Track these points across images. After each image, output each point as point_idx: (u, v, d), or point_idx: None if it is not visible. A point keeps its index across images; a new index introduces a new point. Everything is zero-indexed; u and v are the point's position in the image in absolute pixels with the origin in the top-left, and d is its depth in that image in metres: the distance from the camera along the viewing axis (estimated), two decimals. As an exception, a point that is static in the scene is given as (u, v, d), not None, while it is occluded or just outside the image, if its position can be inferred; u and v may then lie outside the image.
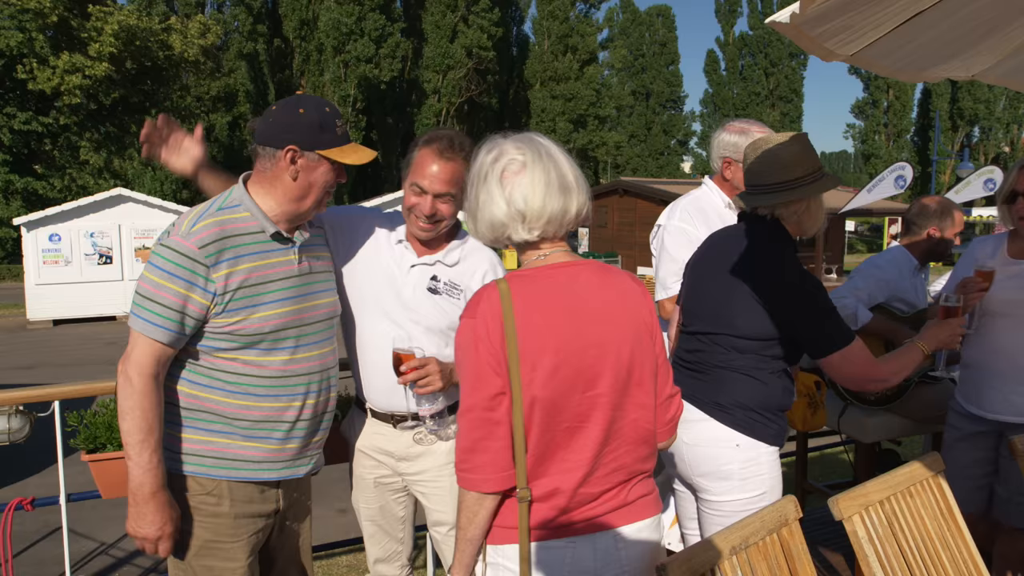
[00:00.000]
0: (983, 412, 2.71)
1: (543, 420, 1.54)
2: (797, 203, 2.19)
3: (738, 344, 2.18)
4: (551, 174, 1.61)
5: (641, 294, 1.70)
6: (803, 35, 1.85)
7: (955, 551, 1.99)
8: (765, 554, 1.69)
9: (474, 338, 1.55)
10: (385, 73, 35.57)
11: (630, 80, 48.76)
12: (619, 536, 1.62)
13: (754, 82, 46.66)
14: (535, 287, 1.59)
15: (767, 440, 2.19)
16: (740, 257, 2.22)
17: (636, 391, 1.63)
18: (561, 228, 1.65)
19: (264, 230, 1.93)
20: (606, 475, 1.60)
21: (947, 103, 42.45)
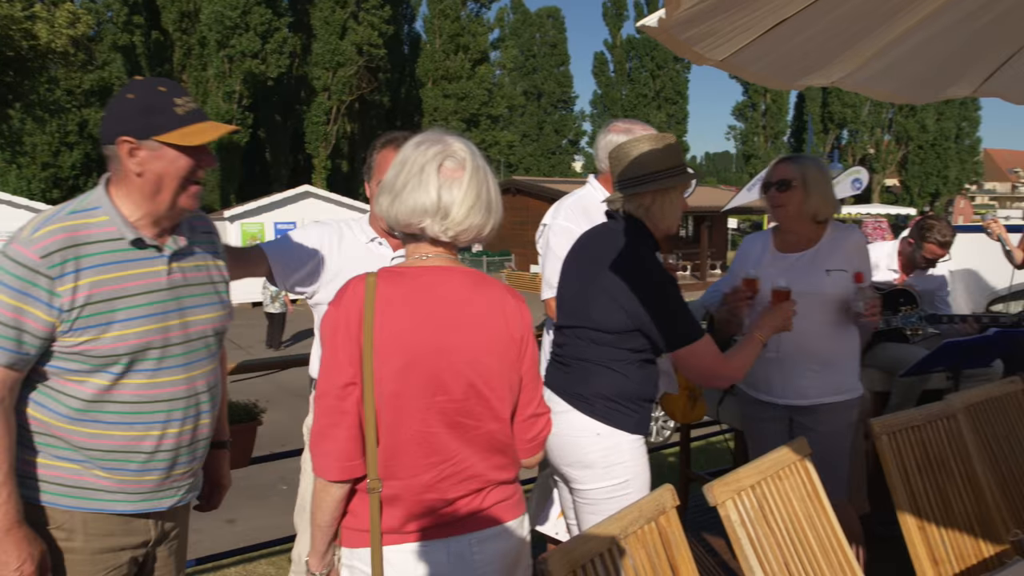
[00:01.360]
0: (772, 398, 2.85)
1: (393, 418, 1.56)
2: (642, 197, 2.28)
3: (596, 337, 2.28)
4: (482, 189, 1.65)
5: (515, 308, 1.71)
6: (673, 39, 1.91)
7: (820, 529, 2.11)
8: (644, 542, 1.74)
9: (334, 326, 1.58)
10: (272, 69, 34.53)
11: (522, 80, 49.21)
12: (473, 540, 1.64)
13: (641, 84, 47.97)
14: (403, 286, 1.61)
15: (627, 429, 2.28)
16: (599, 253, 2.31)
17: (495, 404, 1.64)
18: (472, 240, 1.69)
19: (123, 236, 1.71)
20: (460, 482, 1.61)
21: (819, 107, 44.88)
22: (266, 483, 6.85)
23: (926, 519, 2.34)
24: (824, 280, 2.73)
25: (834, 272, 2.75)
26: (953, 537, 2.39)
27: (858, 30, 2.26)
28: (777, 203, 2.82)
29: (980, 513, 2.50)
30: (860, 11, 2.15)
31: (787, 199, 2.79)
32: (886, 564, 2.97)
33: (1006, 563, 2.45)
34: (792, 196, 2.77)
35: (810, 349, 2.75)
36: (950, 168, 44.70)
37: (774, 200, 2.84)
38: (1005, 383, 2.90)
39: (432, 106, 41.71)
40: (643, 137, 2.36)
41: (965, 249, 5.28)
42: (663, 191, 2.29)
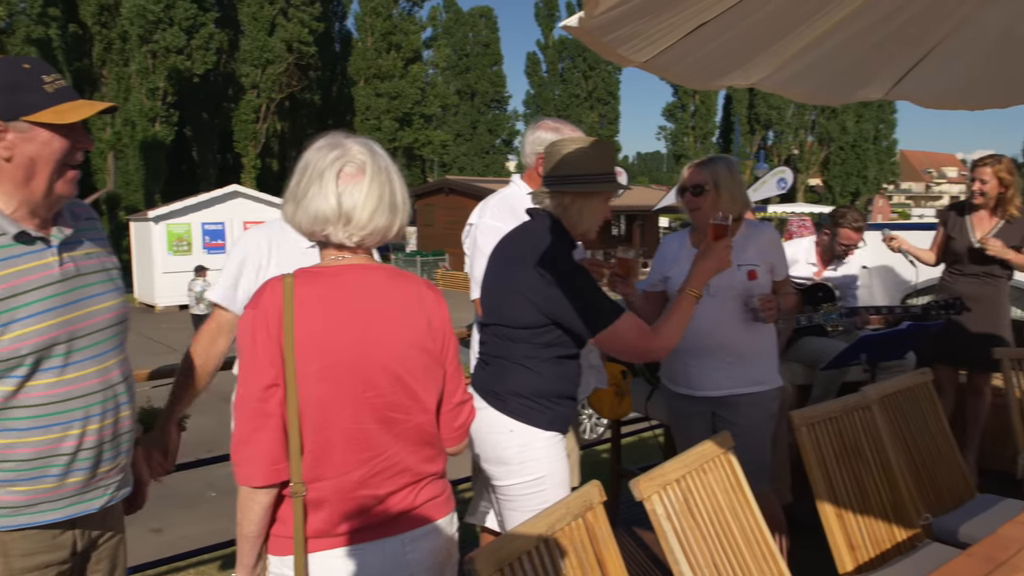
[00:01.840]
0: (691, 391, 2.91)
1: (319, 417, 1.55)
2: (563, 196, 2.31)
3: (511, 334, 2.31)
4: (385, 190, 1.64)
5: (434, 300, 1.74)
6: (596, 41, 1.94)
7: (744, 520, 2.17)
8: (571, 539, 1.76)
9: (253, 328, 1.56)
10: (198, 66, 33.59)
11: (455, 79, 49.08)
12: (407, 540, 1.65)
13: (574, 84, 48.37)
14: (321, 286, 1.61)
15: (541, 426, 2.31)
16: (513, 252, 2.35)
17: (422, 396, 1.66)
18: (379, 242, 1.69)
19: (5, 232, 1.61)
20: (391, 477, 1.62)
21: (746, 108, 46.03)
22: (194, 490, 6.68)
23: (843, 507, 2.43)
24: (737, 275, 2.80)
25: (745, 267, 2.83)
26: (869, 523, 2.48)
27: (776, 33, 2.32)
28: (693, 207, 2.89)
29: (894, 499, 2.60)
30: (778, 14, 2.21)
31: (701, 202, 2.86)
32: (808, 551, 3.07)
33: (917, 546, 2.57)
34: (705, 199, 2.84)
35: (725, 342, 2.82)
36: (869, 168, 46.38)
37: (690, 204, 2.90)
38: (916, 374, 3.02)
39: (364, 105, 41.23)
40: (579, 138, 2.39)
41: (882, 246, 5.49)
42: (585, 194, 2.31)
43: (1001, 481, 3.63)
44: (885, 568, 2.37)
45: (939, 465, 2.91)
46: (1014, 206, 4.03)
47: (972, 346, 4.04)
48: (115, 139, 32.13)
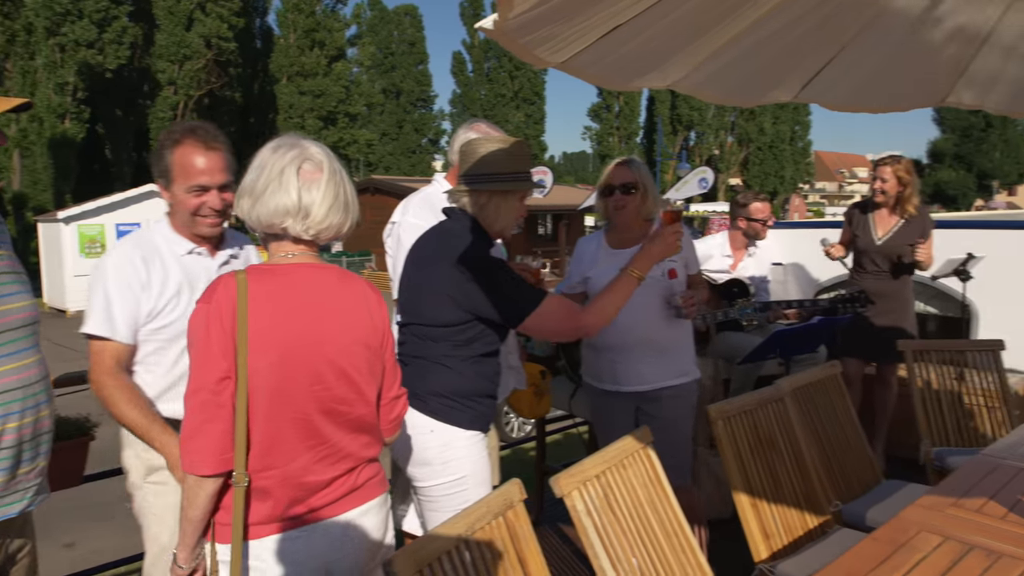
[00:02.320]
0: (617, 387, 2.97)
1: (269, 409, 1.64)
2: (480, 195, 2.33)
3: (430, 333, 2.32)
4: (340, 190, 1.78)
5: (376, 300, 1.87)
6: (513, 42, 1.94)
7: (663, 514, 2.21)
8: (492, 537, 1.76)
9: (207, 322, 1.63)
10: (111, 60, 32.29)
11: (380, 78, 48.58)
12: (349, 520, 1.77)
13: (500, 84, 48.46)
14: (273, 282, 1.71)
15: (462, 425, 2.32)
16: (430, 250, 2.37)
17: (364, 389, 1.77)
18: (333, 238, 1.82)
19: None
20: (334, 463, 1.73)
21: (668, 109, 46.97)
22: (106, 502, 6.40)
23: (758, 497, 2.50)
24: (654, 271, 2.86)
25: (664, 263, 2.89)
26: (782, 512, 2.57)
27: (689, 35, 2.38)
28: (620, 205, 2.93)
29: (805, 488, 2.70)
30: (691, 17, 2.26)
31: (629, 201, 2.91)
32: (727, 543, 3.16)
33: (828, 532, 2.66)
34: (634, 199, 2.90)
35: (649, 336, 2.88)
36: (786, 168, 47.92)
37: (618, 203, 2.94)
38: (827, 367, 3.14)
39: (287, 103, 40.38)
40: (494, 138, 2.40)
41: (796, 244, 5.69)
42: (501, 193, 2.33)
43: (906, 467, 3.81)
44: (797, 554, 2.46)
45: (848, 454, 3.03)
46: (912, 204, 4.23)
47: (879, 339, 4.22)
48: (21, 136, 30.61)
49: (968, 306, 4.80)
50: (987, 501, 2.20)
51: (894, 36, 2.67)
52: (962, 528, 2.02)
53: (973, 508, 2.16)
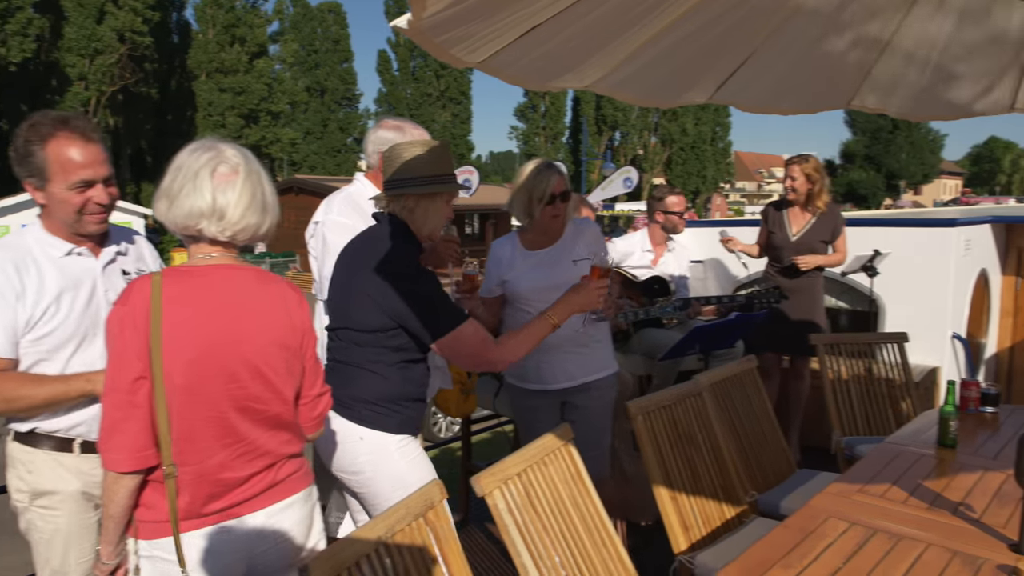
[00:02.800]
0: (543, 385, 3.01)
1: (185, 407, 1.67)
2: (407, 199, 2.31)
3: (357, 338, 2.28)
4: (258, 190, 1.79)
5: (296, 301, 1.89)
6: (429, 41, 1.93)
7: (584, 509, 2.23)
8: (412, 539, 1.75)
9: (120, 324, 1.65)
10: (15, 53, 30.75)
11: (304, 76, 47.65)
12: (270, 514, 1.80)
13: (426, 83, 48.16)
14: (189, 283, 1.73)
15: (391, 430, 2.29)
16: (360, 254, 2.33)
17: (280, 388, 1.81)
18: (250, 239, 1.84)
19: None
20: (251, 460, 1.76)
21: (593, 110, 47.53)
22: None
23: (677, 490, 2.56)
24: (572, 269, 2.91)
25: (580, 261, 2.94)
26: (701, 503, 2.63)
27: (605, 37, 2.41)
28: (557, 213, 2.92)
29: (723, 480, 2.77)
30: (606, 19, 2.29)
31: (564, 209, 2.95)
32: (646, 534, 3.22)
33: (745, 521, 2.74)
34: (568, 205, 2.95)
35: (573, 335, 2.91)
36: (707, 168, 49.08)
37: (557, 210, 2.91)
38: (743, 362, 3.23)
39: (207, 100, 39.22)
40: (416, 141, 2.37)
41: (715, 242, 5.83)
42: (428, 196, 2.32)
43: (820, 456, 3.95)
44: (715, 545, 2.52)
45: (764, 445, 3.12)
46: (822, 201, 4.41)
47: (793, 334, 4.37)
48: (-86, 132, 28.95)
49: (875, 300, 5.01)
50: (890, 487, 2.30)
51: (802, 40, 2.77)
52: (867, 513, 2.11)
53: (877, 494, 2.25)
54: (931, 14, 2.64)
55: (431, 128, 45.92)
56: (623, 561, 2.25)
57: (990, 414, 3.04)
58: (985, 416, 3.03)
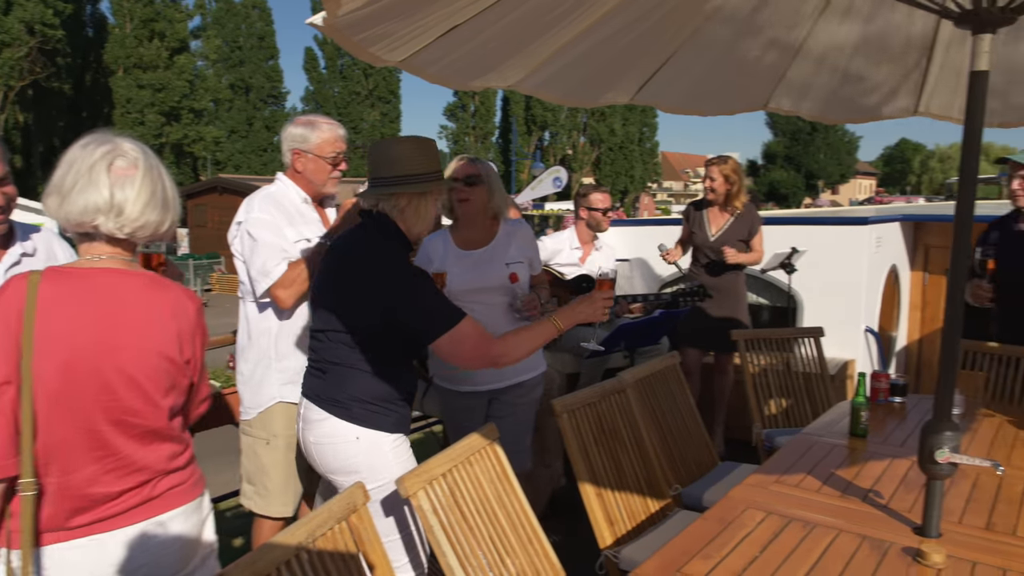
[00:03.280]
0: (474, 387, 3.01)
1: (54, 416, 1.58)
2: (398, 198, 2.27)
3: (348, 339, 2.26)
4: (157, 186, 1.70)
5: (190, 311, 1.78)
6: (347, 39, 1.91)
7: (510, 507, 2.24)
8: (335, 543, 1.73)
9: None
10: (-87, 46, 29.21)
11: (227, 73, 46.47)
12: (145, 529, 1.70)
13: (354, 82, 47.57)
14: (69, 285, 1.63)
15: (386, 429, 2.30)
16: (351, 254, 2.28)
17: (159, 401, 1.70)
18: (150, 237, 1.74)
19: None
20: (125, 476, 1.66)
21: (523, 110, 47.74)
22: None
23: (602, 485, 2.59)
24: (504, 272, 2.92)
25: (512, 264, 2.96)
26: (625, 498, 2.67)
27: (526, 38, 2.43)
28: (463, 197, 2.94)
29: (647, 474, 2.82)
30: (526, 20, 2.31)
31: (473, 193, 2.93)
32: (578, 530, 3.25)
33: (668, 514, 2.79)
34: (478, 192, 2.92)
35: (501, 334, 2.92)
36: (635, 168, 49.87)
37: (460, 194, 2.94)
38: (666, 358, 3.29)
39: (125, 97, 37.85)
40: (403, 138, 2.33)
41: (641, 240, 5.93)
42: (419, 195, 2.28)
43: (743, 448, 4.06)
44: (639, 538, 2.56)
45: (687, 439, 3.19)
46: (740, 201, 4.54)
47: (715, 330, 4.47)
48: None
49: (794, 297, 5.18)
50: (805, 476, 2.39)
51: (718, 44, 2.84)
52: (783, 503, 2.18)
53: (793, 484, 2.33)
54: (839, 22, 2.75)
55: (359, 127, 45.38)
56: (549, 558, 2.27)
57: (899, 404, 3.17)
58: (894, 406, 3.16)
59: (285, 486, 2.88)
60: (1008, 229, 3.57)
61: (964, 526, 2.02)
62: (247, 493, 2.93)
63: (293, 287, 2.66)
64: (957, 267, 1.90)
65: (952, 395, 1.98)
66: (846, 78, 3.06)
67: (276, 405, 2.82)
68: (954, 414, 2.92)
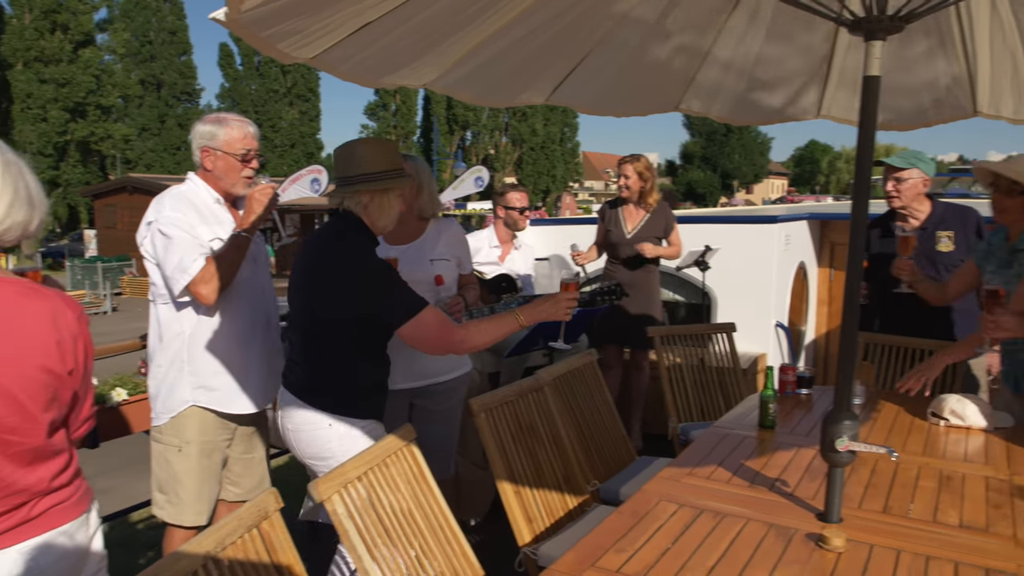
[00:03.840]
0: (394, 385, 2.94)
1: None
2: (361, 195, 2.40)
3: (322, 330, 2.40)
4: (20, 184, 1.59)
5: (71, 320, 1.65)
6: (253, 36, 1.87)
7: (427, 508, 2.23)
8: (245, 551, 1.69)
9: None
10: None
11: (137, 68, 44.77)
12: (25, 549, 1.59)
13: (272, 79, 46.46)
14: None
15: (358, 415, 2.45)
16: (321, 248, 2.44)
17: (39, 417, 1.58)
18: (18, 239, 1.64)
19: None
20: (3, 498, 1.54)
21: (444, 109, 47.59)
22: None
23: (521, 483, 2.60)
24: (429, 268, 2.92)
25: (438, 261, 2.96)
26: (544, 496, 2.69)
27: (438, 37, 2.42)
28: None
29: (565, 471, 2.85)
30: (438, 19, 2.30)
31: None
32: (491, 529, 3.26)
33: (586, 510, 2.83)
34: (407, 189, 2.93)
35: None
36: (557, 168, 50.34)
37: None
38: (584, 355, 3.34)
39: (25, 91, 36.01)
40: (365, 139, 2.51)
41: (562, 240, 5.99)
42: (381, 191, 2.42)
43: (661, 443, 4.14)
44: (558, 535, 2.59)
45: (605, 435, 3.24)
46: (653, 198, 4.65)
47: (632, 327, 4.56)
48: None
49: (708, 293, 5.32)
50: (716, 468, 2.45)
51: (630, 46, 2.89)
52: (695, 495, 2.24)
53: (704, 476, 2.39)
54: (745, 28, 2.83)
55: (278, 126, 44.39)
56: (468, 558, 2.27)
57: (805, 395, 3.30)
58: (801, 397, 3.28)
59: (199, 494, 2.81)
60: (886, 228, 3.77)
61: (863, 511, 2.11)
62: (159, 502, 2.84)
63: (214, 282, 2.60)
64: (853, 264, 1.99)
65: (850, 386, 2.06)
66: (753, 81, 3.16)
67: (189, 409, 2.75)
68: (855, 404, 3.06)
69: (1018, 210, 2.84)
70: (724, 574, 1.76)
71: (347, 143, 2.45)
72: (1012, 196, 2.81)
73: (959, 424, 2.83)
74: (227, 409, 2.80)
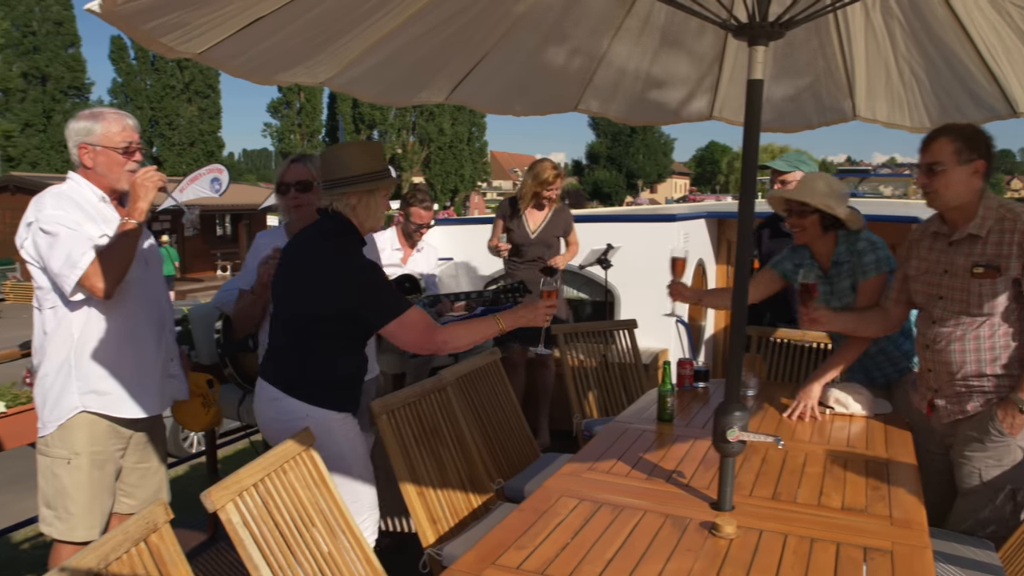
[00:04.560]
0: None
1: None
2: (349, 197, 2.45)
3: (305, 326, 2.45)
4: None
5: None
6: (134, 29, 1.79)
7: (328, 513, 2.19)
8: (132, 566, 1.62)
9: None
10: None
11: (19, 60, 42.26)
12: None
13: (168, 75, 44.65)
14: None
15: (334, 408, 2.50)
16: (308, 247, 2.49)
17: None
18: None
19: None
20: None
21: (350, 108, 46.85)
22: None
23: (424, 485, 2.59)
24: None
25: None
26: (448, 496, 2.69)
27: (333, 34, 2.38)
28: (296, 203, 3.02)
29: (469, 470, 2.85)
30: (333, 15, 2.26)
31: (305, 199, 3.00)
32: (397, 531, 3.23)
33: (491, 508, 2.84)
34: (311, 196, 2.94)
35: None
36: (465, 168, 50.34)
37: (292, 200, 3.02)
38: (487, 354, 3.35)
39: None
40: (351, 143, 2.58)
41: (466, 239, 5.99)
42: (368, 192, 2.47)
43: (567, 440, 4.20)
44: (462, 534, 2.59)
45: (509, 433, 3.26)
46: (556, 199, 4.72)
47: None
48: None
49: (611, 291, 5.42)
50: (616, 462, 2.50)
51: (528, 47, 2.92)
52: (594, 489, 2.28)
53: (604, 470, 2.44)
54: (638, 32, 2.90)
55: (175, 123, 42.71)
56: (371, 563, 2.24)
57: (702, 389, 3.40)
58: (698, 391, 3.39)
59: (90, 508, 2.67)
60: (775, 228, 3.93)
61: (754, 498, 2.20)
62: (46, 518, 2.68)
63: (109, 273, 2.47)
64: (741, 261, 2.07)
65: (739, 379, 2.14)
66: (648, 83, 3.24)
67: (78, 417, 2.60)
68: (748, 395, 3.18)
69: (815, 227, 3.06)
70: (621, 566, 1.80)
71: (332, 147, 2.51)
72: (804, 216, 3.04)
73: (843, 412, 2.98)
74: (119, 413, 2.66)
